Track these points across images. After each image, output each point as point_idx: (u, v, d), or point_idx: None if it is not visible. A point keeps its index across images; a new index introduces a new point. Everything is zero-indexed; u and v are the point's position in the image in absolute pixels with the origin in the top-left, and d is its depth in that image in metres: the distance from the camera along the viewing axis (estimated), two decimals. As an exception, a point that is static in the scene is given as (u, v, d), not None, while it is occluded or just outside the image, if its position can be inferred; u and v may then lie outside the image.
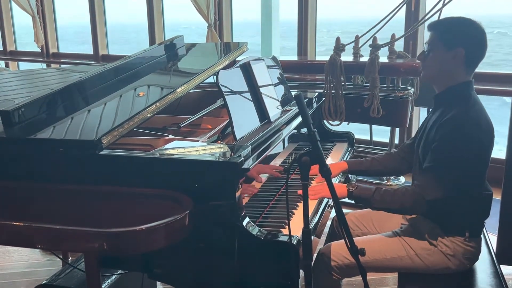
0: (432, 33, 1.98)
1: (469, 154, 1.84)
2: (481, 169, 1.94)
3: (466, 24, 1.95)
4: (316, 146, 1.59)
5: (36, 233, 1.58)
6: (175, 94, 2.18)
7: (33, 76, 3.12)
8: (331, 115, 3.59)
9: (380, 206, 1.98)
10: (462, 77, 1.95)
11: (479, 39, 1.92)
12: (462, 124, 1.85)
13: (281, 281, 1.68)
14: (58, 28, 7.42)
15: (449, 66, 1.94)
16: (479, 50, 1.94)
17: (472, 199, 1.94)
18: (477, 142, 1.85)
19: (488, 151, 1.92)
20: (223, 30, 5.72)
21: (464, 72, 1.95)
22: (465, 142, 1.84)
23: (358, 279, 1.84)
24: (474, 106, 1.91)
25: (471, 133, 1.84)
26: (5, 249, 3.40)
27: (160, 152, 1.86)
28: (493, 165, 4.03)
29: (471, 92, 1.96)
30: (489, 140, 1.90)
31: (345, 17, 42.92)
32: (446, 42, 1.92)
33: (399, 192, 1.94)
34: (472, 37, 1.92)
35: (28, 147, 1.85)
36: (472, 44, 1.92)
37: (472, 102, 1.92)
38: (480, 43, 1.93)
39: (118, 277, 2.40)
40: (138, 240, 1.51)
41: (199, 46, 3.21)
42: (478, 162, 1.89)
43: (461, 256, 1.97)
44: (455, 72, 1.95)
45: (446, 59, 1.93)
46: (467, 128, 1.84)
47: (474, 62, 1.95)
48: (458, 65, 1.93)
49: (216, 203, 1.68)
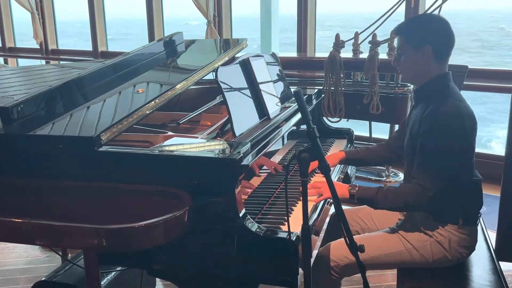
0: (399, 38, 2.07)
1: (455, 142, 1.89)
2: (469, 155, 1.99)
3: (427, 20, 2.09)
4: (315, 142, 1.59)
5: (36, 230, 1.58)
6: (174, 91, 2.18)
7: (32, 73, 3.12)
8: (330, 112, 3.59)
9: (384, 205, 1.99)
10: (437, 70, 2.02)
11: (442, 31, 2.00)
12: (442, 115, 1.90)
13: (281, 277, 1.68)
14: (62, 24, 7.40)
15: (422, 64, 2.01)
16: (446, 41, 2.01)
17: (463, 185, 1.98)
18: (459, 129, 1.90)
19: (472, 136, 1.96)
20: (223, 26, 5.71)
21: (437, 66, 2.01)
22: (449, 132, 1.89)
23: (357, 275, 1.84)
24: (453, 96, 1.97)
25: (453, 122, 1.89)
26: (5, 246, 3.40)
27: (159, 148, 1.86)
28: (493, 161, 4.05)
29: (448, 83, 2.02)
30: (471, 126, 1.94)
31: (345, 13, 42.84)
32: (413, 43, 2.00)
33: (401, 190, 1.97)
34: (435, 31, 2.00)
35: (27, 144, 1.85)
36: (437, 38, 1.99)
37: (450, 92, 1.99)
38: (445, 34, 2.00)
39: (117, 274, 2.40)
40: (137, 237, 1.52)
41: (198, 43, 3.20)
42: (465, 148, 1.94)
43: (456, 244, 1.98)
44: (429, 68, 2.02)
45: (417, 58, 2.01)
46: (448, 119, 1.89)
47: (444, 54, 2.02)
48: (430, 61, 2.00)
49: (215, 199, 1.68)
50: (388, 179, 4.05)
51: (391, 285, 2.81)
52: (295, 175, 2.29)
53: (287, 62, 3.70)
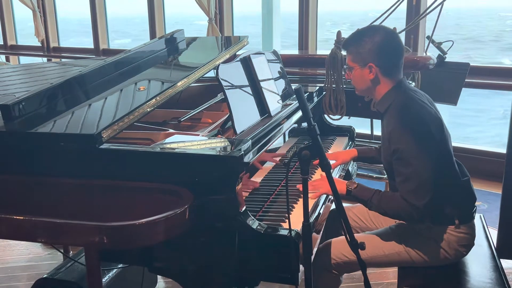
0: (347, 54, 2.04)
1: (427, 150, 1.87)
2: (446, 158, 1.97)
3: (367, 37, 1.97)
4: (316, 140, 1.59)
5: (37, 227, 1.59)
6: (176, 88, 2.18)
7: (33, 70, 3.12)
8: (331, 109, 3.57)
9: (377, 210, 1.98)
10: (389, 83, 1.99)
11: (383, 48, 1.95)
12: (406, 127, 1.88)
13: (281, 274, 1.69)
14: (66, 21, 7.40)
15: (370, 80, 1.99)
16: (390, 56, 1.98)
17: (451, 188, 1.97)
18: (427, 135, 1.88)
19: (443, 139, 1.95)
20: (224, 24, 5.71)
21: (387, 79, 1.99)
22: (417, 142, 1.86)
23: (358, 272, 1.85)
24: (412, 104, 1.94)
25: (419, 131, 1.87)
26: (6, 243, 3.41)
27: (161, 146, 1.86)
28: (494, 159, 4.05)
29: (404, 91, 1.98)
30: (438, 129, 1.93)
31: (346, 10, 42.77)
32: (357, 61, 1.98)
33: (396, 200, 1.93)
34: (377, 49, 1.94)
35: (28, 141, 1.85)
36: (379, 55, 1.95)
37: (409, 100, 1.95)
38: (387, 49, 1.96)
39: (118, 271, 2.41)
40: (138, 234, 1.52)
41: (200, 40, 3.20)
42: (439, 152, 1.92)
43: (455, 244, 1.98)
44: (379, 82, 2.00)
45: (365, 75, 1.99)
46: (412, 129, 1.88)
47: (393, 67, 1.99)
48: (378, 76, 1.98)
49: (216, 197, 1.68)
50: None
51: (392, 282, 2.81)
52: (296, 173, 2.29)
53: (288, 60, 3.69)
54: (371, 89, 2.03)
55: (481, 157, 4.17)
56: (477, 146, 4.42)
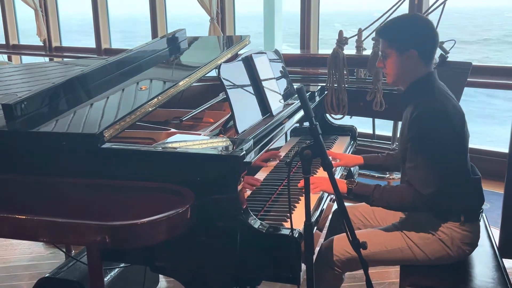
0: (382, 41, 2.04)
1: (444, 143, 1.89)
2: (461, 155, 1.97)
3: (410, 23, 2.02)
4: (318, 139, 1.58)
5: (39, 226, 1.59)
6: (177, 88, 2.18)
7: (35, 70, 3.12)
8: (333, 109, 3.57)
9: (379, 203, 1.99)
10: (422, 71, 2.00)
11: (426, 34, 1.98)
12: (429, 116, 1.89)
13: (283, 274, 1.69)
14: (66, 21, 7.40)
15: (406, 67, 2.00)
16: (430, 43, 2.00)
17: (461, 184, 1.96)
18: (448, 128, 1.89)
19: (461, 135, 1.95)
20: (226, 23, 5.70)
21: (422, 67, 2.00)
22: (437, 133, 1.88)
23: (360, 272, 1.84)
24: (439, 95, 1.96)
25: (441, 123, 1.89)
26: (9, 242, 3.41)
27: (162, 145, 1.86)
28: (496, 158, 4.04)
29: (434, 82, 2.01)
30: (460, 125, 1.94)
31: (348, 10, 42.70)
32: (396, 48, 1.98)
33: (398, 191, 1.96)
34: (419, 35, 1.98)
35: (30, 141, 1.85)
36: (421, 41, 1.97)
37: (436, 91, 1.97)
38: (429, 37, 1.99)
39: (120, 270, 2.41)
40: (140, 233, 1.52)
41: (202, 40, 3.20)
42: (455, 148, 1.93)
43: (459, 242, 1.98)
44: (414, 69, 2.00)
45: (402, 62, 1.99)
46: (436, 120, 1.89)
47: (429, 55, 2.01)
48: (415, 63, 1.99)
49: (218, 196, 1.68)
50: (391, 176, 4.04)
51: (394, 282, 2.81)
52: (298, 172, 2.29)
53: (290, 59, 3.69)
54: (404, 76, 2.03)
55: (483, 156, 4.17)
56: (479, 146, 4.42)
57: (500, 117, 10.12)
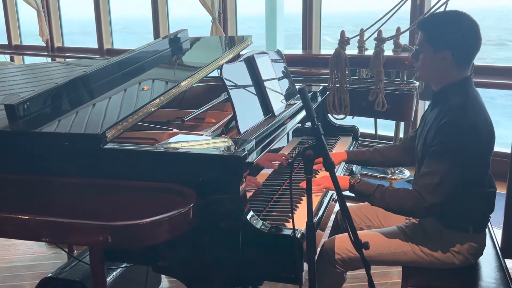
0: (421, 33, 1.92)
1: (467, 159, 1.81)
2: (482, 171, 1.91)
3: (453, 22, 1.88)
4: (320, 139, 1.58)
5: (42, 226, 1.59)
6: (179, 88, 2.18)
7: (37, 70, 3.13)
8: (335, 109, 3.58)
9: (380, 204, 1.95)
10: (456, 75, 1.90)
11: (466, 39, 1.86)
12: (460, 129, 1.80)
13: (285, 274, 1.69)
14: (66, 22, 7.41)
15: (439, 67, 1.89)
16: (469, 48, 1.87)
17: (474, 197, 1.92)
18: (474, 146, 1.81)
19: (488, 152, 1.88)
20: (228, 24, 5.70)
21: (455, 71, 1.89)
22: (462, 147, 1.79)
23: (362, 272, 1.84)
24: (472, 106, 1.85)
25: (468, 138, 1.80)
26: (11, 242, 3.42)
27: (164, 146, 1.86)
28: (498, 159, 4.03)
29: (469, 88, 1.90)
30: (487, 141, 1.86)
31: (350, 10, 42.63)
32: (433, 44, 1.87)
33: (400, 193, 1.91)
34: (459, 38, 1.84)
35: (33, 141, 1.85)
36: (458, 45, 1.85)
37: (471, 100, 1.86)
38: (469, 40, 1.86)
39: (122, 270, 2.41)
40: (142, 234, 1.52)
41: (204, 40, 3.20)
42: (477, 165, 1.86)
43: (465, 251, 1.96)
44: (448, 72, 1.90)
45: (436, 60, 1.88)
46: (464, 134, 1.79)
47: (466, 60, 1.90)
48: (448, 65, 1.88)
49: (220, 196, 1.68)
50: (393, 176, 4.04)
51: (396, 282, 2.81)
52: (300, 173, 2.29)
53: (292, 59, 3.69)
54: (435, 76, 1.94)
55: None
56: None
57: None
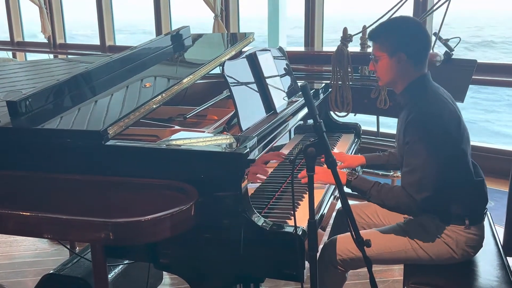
0: (373, 43, 2.02)
1: (440, 147, 1.87)
2: (461, 159, 1.96)
3: (400, 26, 2.01)
4: (322, 137, 1.58)
5: (44, 223, 1.60)
6: (181, 85, 2.18)
7: (40, 67, 3.13)
8: (337, 106, 3.57)
9: (376, 200, 1.99)
10: (415, 74, 1.99)
11: (414, 36, 1.96)
12: (424, 121, 1.88)
13: (286, 271, 1.68)
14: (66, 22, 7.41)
15: (398, 69, 1.98)
16: (419, 46, 1.97)
17: (463, 187, 1.96)
18: (442, 132, 1.88)
19: (459, 138, 1.94)
20: (230, 21, 5.69)
21: (413, 70, 1.98)
22: (432, 138, 1.86)
23: (364, 270, 1.84)
24: (434, 99, 1.94)
25: (436, 128, 1.87)
26: (13, 239, 3.43)
27: (166, 142, 1.86)
28: (501, 156, 4.03)
29: (427, 84, 1.99)
30: (456, 128, 1.92)
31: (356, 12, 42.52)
32: (387, 51, 1.97)
33: (395, 191, 1.95)
34: (407, 38, 1.96)
35: (34, 138, 1.86)
36: (409, 44, 1.95)
37: (431, 94, 1.95)
38: (417, 39, 1.97)
39: (124, 267, 2.41)
40: (144, 230, 1.52)
41: (206, 37, 3.20)
42: (453, 152, 1.92)
43: (464, 244, 1.97)
44: (406, 72, 1.98)
45: (393, 64, 1.97)
46: (430, 124, 1.87)
47: (420, 57, 1.98)
48: (405, 66, 1.97)
49: (221, 193, 1.68)
50: (395, 173, 4.03)
51: (398, 280, 2.81)
52: (302, 170, 2.29)
53: (294, 56, 3.68)
54: (396, 79, 2.02)
55: (487, 154, 4.16)
56: (483, 144, 4.40)
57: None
